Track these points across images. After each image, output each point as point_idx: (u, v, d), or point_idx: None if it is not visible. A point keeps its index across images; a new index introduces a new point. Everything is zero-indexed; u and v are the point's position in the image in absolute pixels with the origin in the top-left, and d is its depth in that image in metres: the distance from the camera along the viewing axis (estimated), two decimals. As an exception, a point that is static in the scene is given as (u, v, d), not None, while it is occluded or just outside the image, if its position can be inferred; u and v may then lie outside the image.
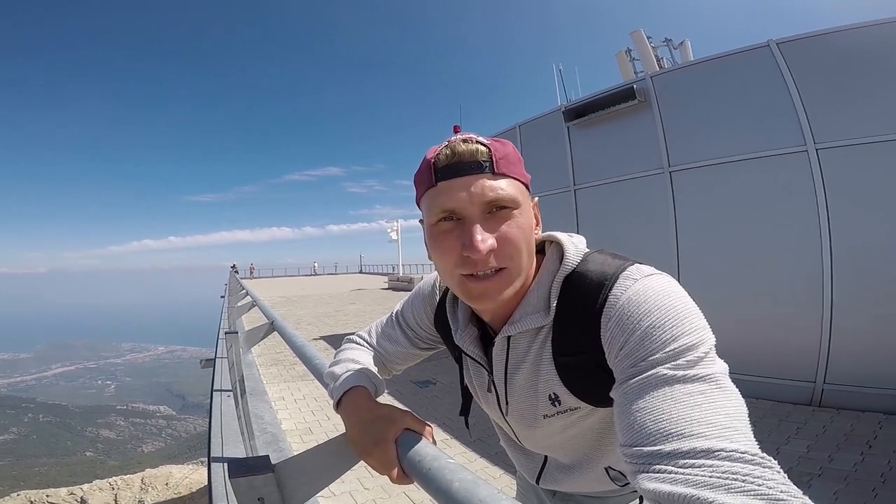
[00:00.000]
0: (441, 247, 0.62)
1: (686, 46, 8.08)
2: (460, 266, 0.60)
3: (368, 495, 2.87)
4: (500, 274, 0.60)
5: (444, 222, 0.62)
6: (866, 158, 3.72)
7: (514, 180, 0.62)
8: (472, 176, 0.59)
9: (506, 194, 0.59)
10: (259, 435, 2.87)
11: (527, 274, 0.64)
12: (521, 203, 0.62)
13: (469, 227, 0.59)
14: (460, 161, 0.60)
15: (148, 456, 38.62)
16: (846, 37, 3.87)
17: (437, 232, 0.63)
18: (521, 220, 0.61)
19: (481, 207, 0.59)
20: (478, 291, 0.61)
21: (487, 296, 0.61)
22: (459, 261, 0.60)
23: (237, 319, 4.32)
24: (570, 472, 0.81)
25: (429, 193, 0.63)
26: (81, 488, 13.71)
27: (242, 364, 2.88)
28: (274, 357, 6.78)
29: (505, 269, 0.60)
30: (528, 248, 0.62)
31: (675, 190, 4.80)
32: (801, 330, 4.01)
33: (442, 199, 0.60)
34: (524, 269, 0.62)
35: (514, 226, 0.60)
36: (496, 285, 0.60)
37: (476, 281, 0.60)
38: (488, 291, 0.60)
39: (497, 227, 0.59)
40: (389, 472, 0.61)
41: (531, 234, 0.63)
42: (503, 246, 0.59)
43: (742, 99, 4.39)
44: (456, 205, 0.59)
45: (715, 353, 0.50)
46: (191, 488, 12.15)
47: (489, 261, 0.59)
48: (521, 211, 0.61)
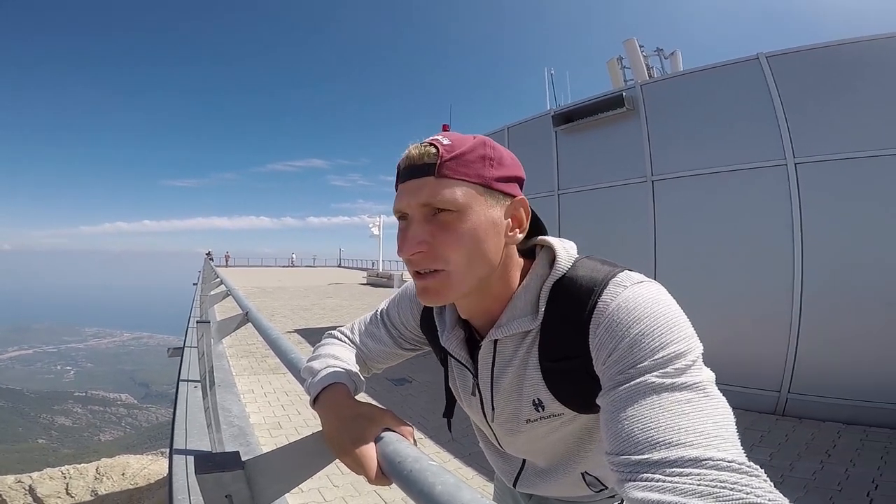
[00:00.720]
0: (397, 244, 0.65)
1: (677, 57, 8.25)
2: (408, 264, 0.63)
3: (338, 492, 2.83)
4: (437, 275, 0.60)
5: (400, 221, 0.64)
6: (841, 174, 3.84)
7: (460, 182, 0.59)
8: (419, 179, 0.60)
9: (442, 198, 0.58)
10: (226, 428, 2.80)
11: (482, 277, 0.62)
12: (466, 206, 0.59)
13: (406, 228, 0.62)
14: (411, 165, 0.61)
15: (105, 445, 37.40)
16: (834, 52, 3.96)
17: (397, 230, 0.65)
18: (463, 224, 0.59)
19: (419, 210, 0.60)
20: (420, 287, 0.63)
21: (427, 294, 0.62)
22: (405, 259, 0.62)
23: (209, 308, 4.20)
24: (546, 477, 0.81)
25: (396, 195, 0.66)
26: (31, 476, 13.15)
27: (213, 355, 2.79)
28: (245, 348, 6.63)
29: (442, 271, 0.60)
30: (474, 251, 0.60)
31: (657, 199, 4.88)
32: (769, 340, 4.13)
33: (396, 200, 0.63)
34: (470, 273, 0.61)
35: (451, 230, 0.59)
36: (434, 285, 0.61)
37: (419, 278, 0.62)
38: (427, 290, 0.62)
39: (433, 230, 0.60)
40: (367, 472, 0.59)
41: (484, 236, 0.60)
42: (437, 247, 0.59)
43: (727, 111, 4.48)
44: (402, 207, 0.62)
45: (702, 362, 0.50)
46: (148, 479, 11.79)
47: (422, 262, 0.60)
48: (466, 214, 0.59)
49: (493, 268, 0.63)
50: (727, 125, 4.45)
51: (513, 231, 0.64)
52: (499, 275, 0.65)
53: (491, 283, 0.65)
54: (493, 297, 0.66)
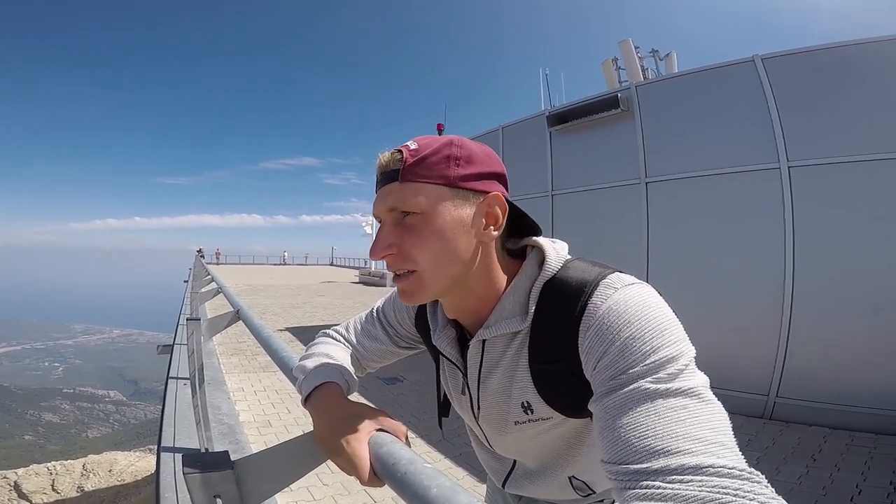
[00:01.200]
0: None
1: (672, 58, 8.27)
2: (386, 266, 0.66)
3: (327, 491, 2.81)
4: (410, 276, 0.62)
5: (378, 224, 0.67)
6: (834, 178, 3.86)
7: (425, 185, 0.60)
8: (388, 185, 0.62)
9: (406, 202, 0.60)
10: (215, 426, 2.78)
11: (455, 276, 0.63)
12: (431, 208, 0.60)
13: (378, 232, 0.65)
14: (382, 172, 0.64)
15: (92, 441, 36.99)
16: (829, 55, 3.97)
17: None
18: (429, 226, 0.60)
19: (388, 214, 0.63)
20: (398, 289, 0.65)
21: (403, 294, 0.65)
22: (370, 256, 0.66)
23: (200, 306, 4.16)
24: (534, 479, 0.81)
25: None
26: (16, 472, 12.97)
27: (203, 352, 2.76)
28: (235, 346, 6.58)
29: (414, 271, 0.62)
30: (442, 251, 0.60)
31: (650, 201, 4.90)
32: (758, 343, 4.16)
33: (373, 206, 0.66)
34: (441, 273, 0.62)
35: (417, 232, 0.60)
36: (407, 286, 0.63)
37: (396, 280, 0.64)
38: (403, 291, 0.64)
39: (402, 233, 0.61)
40: (360, 473, 0.58)
41: (451, 235, 0.61)
42: (405, 249, 0.61)
43: (722, 113, 4.49)
44: (375, 212, 0.65)
45: (694, 365, 0.50)
46: (136, 476, 11.69)
47: (394, 264, 0.63)
48: (431, 216, 0.60)
49: (466, 266, 0.63)
50: (721, 128, 4.47)
51: (486, 228, 0.63)
52: (479, 274, 0.65)
53: (471, 283, 0.65)
54: (476, 296, 0.66)
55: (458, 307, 0.69)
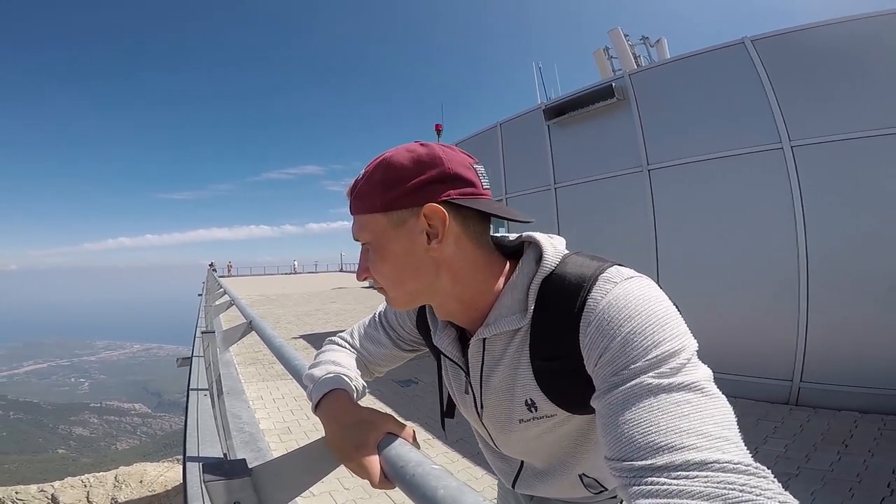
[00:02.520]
0: None
1: (663, 44, 8.17)
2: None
3: (349, 495, 2.84)
4: (382, 290, 0.68)
5: None
6: (841, 155, 3.79)
7: (364, 215, 0.63)
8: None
9: (355, 232, 0.66)
10: (236, 435, 2.82)
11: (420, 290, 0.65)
12: (373, 238, 0.63)
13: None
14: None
15: (122, 453, 37.77)
16: (819, 33, 3.93)
17: None
18: (376, 254, 0.64)
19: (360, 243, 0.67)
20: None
21: (387, 303, 0.72)
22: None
23: (214, 318, 4.23)
24: (544, 478, 0.80)
25: None
26: (52, 485, 13.31)
27: (220, 363, 2.81)
28: (252, 356, 6.67)
29: (382, 288, 0.67)
30: (394, 276, 0.64)
31: (654, 188, 4.85)
32: (777, 327, 4.08)
33: None
34: (399, 290, 0.65)
35: (372, 258, 0.65)
36: (387, 297, 0.69)
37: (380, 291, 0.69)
38: (386, 300, 0.70)
39: (368, 257, 0.66)
40: (371, 477, 0.59)
41: (397, 262, 0.63)
42: (373, 273, 0.66)
43: (718, 96, 4.44)
44: None
45: (697, 359, 0.49)
46: (165, 486, 11.91)
47: (374, 282, 0.68)
48: (378, 243, 0.63)
49: (425, 282, 0.63)
50: (719, 111, 4.42)
51: (431, 243, 0.60)
52: (448, 283, 0.64)
53: (444, 291, 0.64)
54: (457, 300, 0.66)
55: (443, 311, 0.69)
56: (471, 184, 0.61)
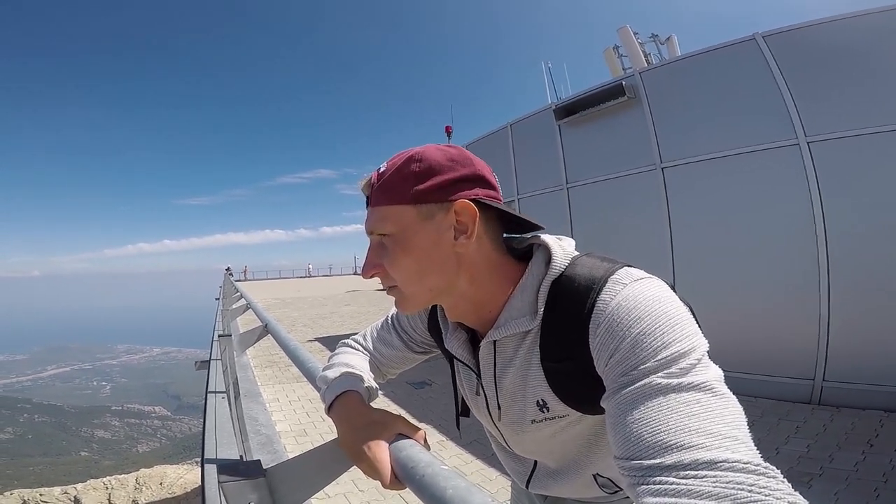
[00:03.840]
0: None
1: (673, 41, 8.07)
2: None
3: (364, 497, 2.86)
4: (395, 289, 0.66)
5: None
6: (858, 150, 3.73)
7: (389, 207, 0.62)
8: (368, 209, 0.66)
9: (377, 226, 0.64)
10: (253, 437, 2.86)
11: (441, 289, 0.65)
12: (397, 229, 0.62)
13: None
14: (364, 196, 0.68)
15: (143, 456, 38.47)
16: (831, 28, 3.88)
17: None
18: (398, 247, 0.62)
19: (372, 236, 0.66)
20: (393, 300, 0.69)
21: (396, 304, 0.69)
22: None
23: (231, 322, 4.30)
24: (558, 478, 0.80)
25: None
26: (75, 487, 13.63)
27: (237, 366, 2.86)
28: (269, 359, 6.75)
29: (395, 286, 0.65)
30: (415, 270, 0.63)
31: (668, 186, 4.80)
32: (797, 326, 4.01)
33: None
34: (419, 288, 0.64)
35: (390, 252, 0.63)
36: (397, 298, 0.67)
37: (388, 292, 0.68)
38: (395, 301, 0.68)
39: (382, 252, 0.64)
40: (382, 477, 0.60)
41: (422, 254, 0.62)
42: (386, 269, 0.64)
43: (731, 93, 4.39)
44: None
45: (708, 359, 0.49)
46: (185, 488, 12.09)
47: (382, 280, 0.66)
48: (402, 235, 0.62)
49: (446, 278, 0.63)
50: (732, 107, 4.37)
51: (458, 239, 0.62)
52: (466, 281, 0.65)
53: (459, 290, 0.65)
54: (470, 301, 0.66)
55: (455, 313, 0.70)
56: (493, 188, 0.65)
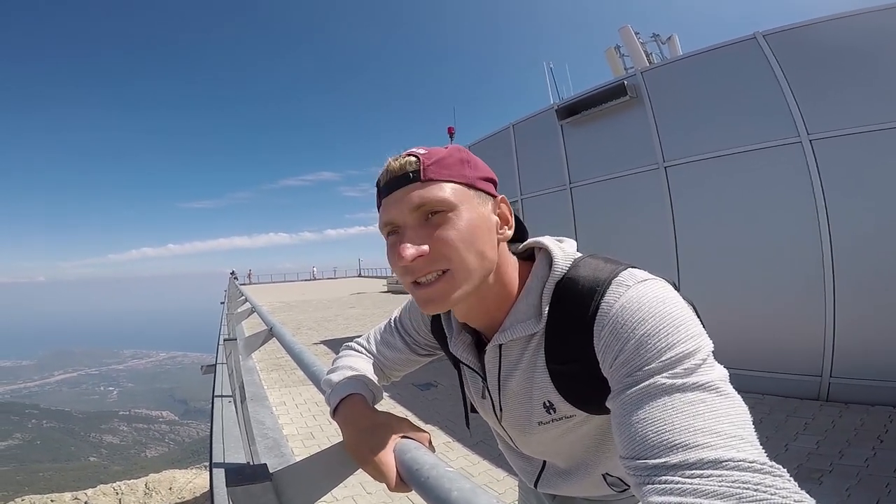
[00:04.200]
0: (390, 259, 0.63)
1: (674, 41, 8.07)
2: (406, 274, 0.61)
3: (371, 500, 2.86)
4: (444, 277, 0.59)
5: (390, 236, 0.63)
6: (861, 147, 3.72)
7: (447, 183, 0.60)
8: (404, 188, 0.61)
9: (433, 197, 0.59)
10: (260, 440, 2.87)
11: (483, 275, 0.62)
12: (458, 203, 0.60)
13: (400, 236, 0.61)
14: (393, 176, 0.62)
15: (151, 461, 38.64)
16: (831, 27, 3.88)
17: (387, 246, 0.64)
18: (459, 221, 0.59)
19: (412, 216, 0.60)
20: (423, 298, 0.61)
21: (432, 301, 0.60)
22: (403, 270, 0.61)
23: (237, 326, 4.32)
24: (567, 478, 0.80)
25: (379, 213, 0.65)
26: (86, 493, 13.71)
27: (242, 370, 2.87)
28: (275, 362, 6.78)
29: (448, 270, 0.59)
30: (474, 247, 0.59)
31: (671, 185, 4.80)
32: (803, 323, 3.99)
33: (383, 214, 0.63)
34: (473, 269, 0.60)
35: (448, 227, 0.59)
36: (440, 289, 0.60)
37: (420, 288, 0.61)
38: (432, 297, 0.60)
39: (431, 232, 0.59)
40: (387, 480, 0.61)
41: (480, 233, 0.61)
42: (438, 247, 0.58)
43: (733, 92, 4.40)
44: (392, 217, 0.61)
45: (713, 360, 0.49)
46: (194, 493, 12.15)
47: (424, 266, 0.59)
48: (460, 211, 0.60)
49: (491, 267, 0.63)
50: (735, 105, 4.37)
51: (501, 228, 0.65)
52: (495, 276, 0.65)
53: (488, 285, 0.65)
54: (490, 299, 0.66)
55: (472, 312, 0.68)
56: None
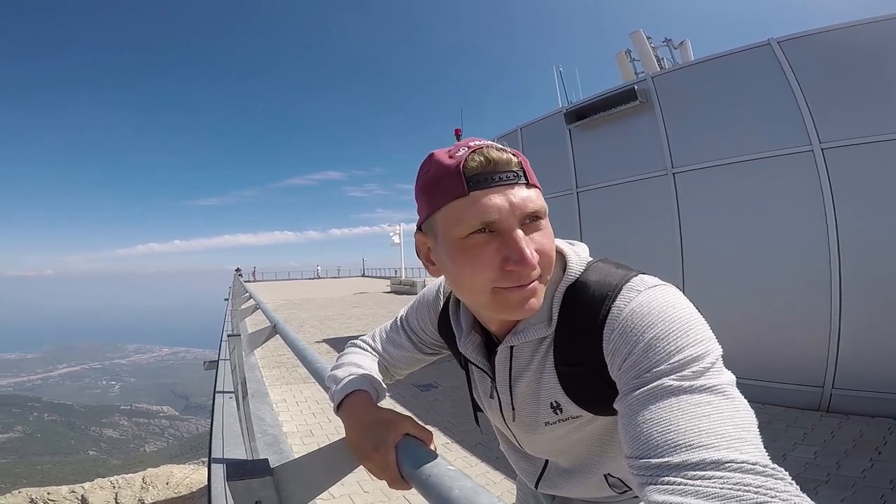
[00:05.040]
0: (476, 261, 0.56)
1: (686, 46, 8.03)
2: (500, 280, 0.56)
3: (368, 498, 2.86)
4: (537, 283, 0.58)
5: (477, 235, 0.56)
6: (873, 158, 3.68)
7: (539, 190, 0.60)
8: (510, 186, 0.56)
9: (540, 205, 0.58)
10: (260, 437, 2.87)
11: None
12: (545, 209, 0.60)
13: (513, 240, 0.55)
14: (496, 170, 0.56)
15: (150, 455, 38.77)
16: (847, 34, 3.84)
17: (468, 245, 0.57)
18: (549, 230, 0.60)
19: (521, 219, 0.56)
20: (517, 300, 0.57)
21: (525, 306, 0.57)
22: (499, 275, 0.56)
23: (240, 322, 4.33)
24: (569, 478, 0.80)
25: (457, 204, 0.56)
26: (83, 486, 13.78)
27: (245, 367, 2.88)
28: (277, 359, 6.79)
29: (542, 277, 0.58)
30: (553, 254, 0.61)
31: (679, 192, 4.76)
32: (808, 333, 3.96)
33: (477, 209, 0.55)
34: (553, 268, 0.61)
35: (546, 236, 0.58)
36: (534, 294, 0.57)
37: (522, 291, 0.56)
38: (527, 300, 0.57)
39: (537, 238, 0.57)
40: (388, 477, 0.61)
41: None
42: (541, 257, 0.57)
43: (745, 98, 4.36)
44: (496, 216, 0.55)
45: (721, 364, 0.49)
46: (191, 488, 12.18)
47: (530, 274, 0.56)
48: (548, 221, 0.60)
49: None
50: (746, 113, 4.33)
51: None
52: None
53: None
54: None
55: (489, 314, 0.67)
56: None
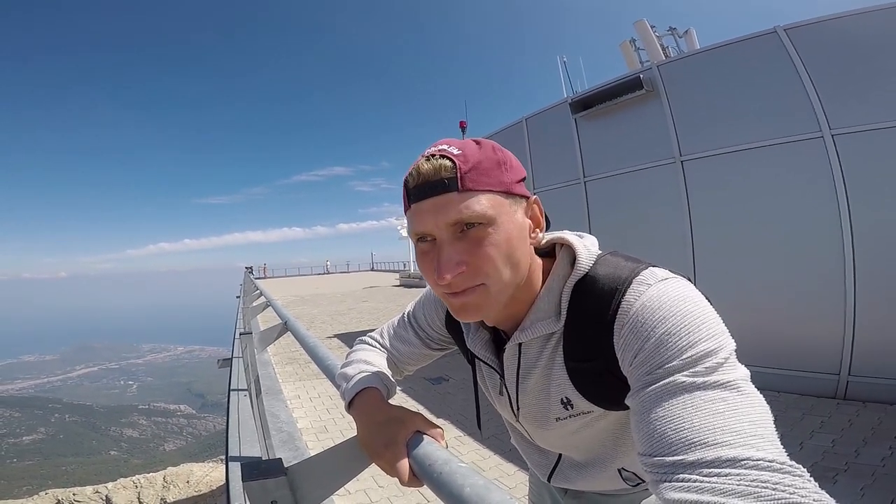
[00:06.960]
0: (422, 266, 0.61)
1: (691, 35, 7.94)
2: (438, 287, 0.59)
3: (383, 493, 2.89)
4: (478, 290, 0.58)
5: (421, 243, 0.60)
6: (884, 144, 3.61)
7: (485, 193, 0.57)
8: (438, 197, 0.56)
9: (472, 213, 0.56)
10: (275, 434, 2.91)
11: (517, 284, 0.61)
12: (496, 215, 0.57)
13: (437, 251, 0.58)
14: (425, 182, 0.57)
15: (170, 454, 39.55)
16: (854, 22, 3.78)
17: (418, 251, 0.62)
18: (497, 235, 0.57)
19: (448, 230, 0.57)
20: (458, 305, 0.60)
21: (466, 311, 0.60)
22: (437, 282, 0.58)
23: (252, 319, 4.38)
24: (583, 471, 0.80)
25: (407, 215, 0.61)
26: (107, 486, 14.12)
27: (258, 364, 2.91)
28: (289, 356, 6.85)
29: (482, 285, 0.58)
30: (510, 260, 0.58)
31: (688, 180, 4.71)
32: (823, 320, 3.91)
33: (414, 222, 0.59)
34: (509, 282, 0.59)
35: (486, 243, 0.56)
36: (474, 301, 0.58)
37: (456, 296, 0.59)
38: (466, 307, 0.59)
39: (469, 247, 0.57)
40: (400, 474, 0.61)
41: (516, 243, 0.59)
42: (477, 264, 0.56)
43: (752, 86, 4.30)
44: (425, 228, 0.58)
45: (735, 359, 0.48)
46: (210, 486, 12.41)
47: (462, 283, 0.57)
48: (498, 225, 0.57)
49: (524, 275, 0.62)
50: (754, 100, 4.26)
51: (534, 232, 0.63)
52: (525, 278, 0.64)
53: (518, 288, 0.63)
54: (517, 300, 0.65)
55: (500, 314, 0.67)
56: None
